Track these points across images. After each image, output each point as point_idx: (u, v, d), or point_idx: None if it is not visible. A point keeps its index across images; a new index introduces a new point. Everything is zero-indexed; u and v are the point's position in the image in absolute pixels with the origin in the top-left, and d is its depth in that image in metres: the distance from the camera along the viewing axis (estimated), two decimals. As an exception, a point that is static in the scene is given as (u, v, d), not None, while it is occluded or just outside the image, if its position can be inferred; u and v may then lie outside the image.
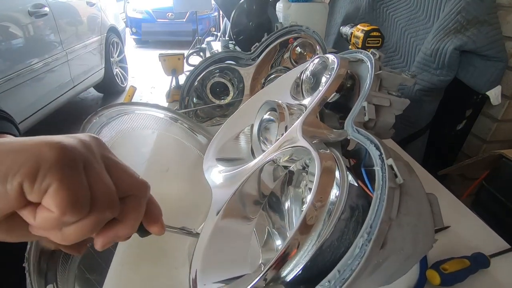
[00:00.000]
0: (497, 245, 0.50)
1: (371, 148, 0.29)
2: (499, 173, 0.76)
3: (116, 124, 0.55)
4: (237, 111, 0.52)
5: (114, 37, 3.05)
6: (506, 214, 0.73)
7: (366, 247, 0.22)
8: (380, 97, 0.37)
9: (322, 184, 0.25)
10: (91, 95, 3.16)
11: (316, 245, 0.24)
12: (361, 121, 0.35)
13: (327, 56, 0.44)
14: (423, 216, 0.27)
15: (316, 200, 0.25)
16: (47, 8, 1.99)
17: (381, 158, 0.27)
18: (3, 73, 1.60)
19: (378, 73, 0.38)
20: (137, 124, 0.58)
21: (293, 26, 0.80)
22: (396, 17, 1.09)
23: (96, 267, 0.48)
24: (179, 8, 1.97)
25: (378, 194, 0.24)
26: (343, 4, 1.47)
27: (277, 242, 0.37)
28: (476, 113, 0.95)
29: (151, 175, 0.67)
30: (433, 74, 0.91)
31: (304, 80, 0.48)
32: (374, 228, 0.23)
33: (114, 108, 0.54)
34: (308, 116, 0.36)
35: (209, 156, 0.45)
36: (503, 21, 0.82)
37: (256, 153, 0.44)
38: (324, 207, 0.25)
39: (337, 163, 0.28)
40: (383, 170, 0.26)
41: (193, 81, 0.77)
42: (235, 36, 1.17)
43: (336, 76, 0.39)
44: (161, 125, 0.61)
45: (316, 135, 0.34)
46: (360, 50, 0.46)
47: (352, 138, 0.33)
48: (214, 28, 4.34)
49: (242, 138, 0.48)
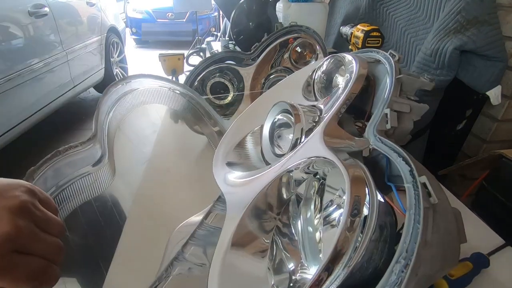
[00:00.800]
0: (495, 243, 0.50)
1: (399, 162, 0.27)
2: (499, 173, 0.76)
3: (129, 99, 0.55)
4: (245, 112, 0.50)
5: (114, 37, 3.05)
6: (506, 214, 0.73)
7: (403, 273, 0.21)
8: (401, 103, 0.35)
9: (353, 204, 0.24)
10: (91, 95, 3.16)
11: (346, 268, 0.23)
12: (382, 128, 0.33)
13: (344, 55, 0.42)
14: (451, 234, 0.25)
15: (348, 222, 0.23)
16: (47, 8, 1.98)
17: (412, 174, 0.25)
18: (3, 73, 1.60)
19: (399, 77, 0.36)
20: (150, 99, 0.58)
21: (293, 26, 0.80)
22: (396, 17, 1.09)
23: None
24: (179, 8, 1.97)
25: (411, 215, 0.23)
26: (343, 4, 1.47)
27: (286, 259, 0.34)
28: (476, 113, 0.94)
29: (151, 175, 0.67)
30: (433, 74, 0.91)
31: (316, 80, 0.46)
32: (410, 253, 0.21)
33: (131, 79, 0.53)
34: (329, 123, 0.34)
35: (218, 159, 0.43)
36: (503, 21, 0.82)
37: (266, 156, 0.42)
38: (356, 230, 0.23)
39: (366, 179, 0.27)
40: (415, 187, 0.24)
41: (193, 81, 0.77)
42: (235, 36, 1.17)
43: (356, 80, 0.37)
44: (173, 100, 0.60)
45: (339, 145, 0.32)
46: (377, 50, 0.44)
47: (375, 148, 0.31)
48: (214, 28, 4.34)
49: (249, 139, 0.46)
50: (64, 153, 0.44)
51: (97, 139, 0.50)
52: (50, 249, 0.26)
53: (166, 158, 0.65)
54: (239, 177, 0.40)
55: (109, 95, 0.54)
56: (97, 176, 0.48)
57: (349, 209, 0.24)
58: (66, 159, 0.44)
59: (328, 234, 0.33)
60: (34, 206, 0.26)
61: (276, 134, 0.43)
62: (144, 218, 0.55)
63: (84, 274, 0.48)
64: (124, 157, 0.62)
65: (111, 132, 0.54)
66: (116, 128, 0.55)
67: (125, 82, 0.55)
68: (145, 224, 0.54)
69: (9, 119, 1.70)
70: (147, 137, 0.63)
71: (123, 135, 0.57)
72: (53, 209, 0.29)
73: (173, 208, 0.56)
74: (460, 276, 0.42)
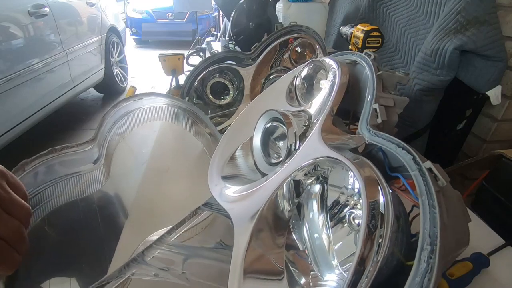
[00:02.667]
0: (495, 243, 0.50)
1: (400, 152, 0.27)
2: (499, 173, 0.76)
3: (125, 122, 0.56)
4: (233, 124, 0.49)
5: (114, 37, 3.05)
6: (506, 214, 0.73)
7: (431, 260, 0.21)
8: (386, 98, 0.37)
9: (370, 204, 0.24)
10: (91, 95, 3.16)
11: (375, 266, 0.23)
12: (374, 123, 0.34)
13: (323, 59, 0.43)
14: (460, 215, 0.26)
15: (368, 221, 0.23)
16: (47, 9, 1.98)
17: (416, 162, 0.25)
18: (3, 73, 1.60)
19: (379, 73, 0.38)
20: (145, 117, 0.59)
21: (293, 26, 0.80)
22: (396, 17, 1.09)
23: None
24: (179, 8, 1.97)
25: (425, 200, 0.23)
26: (343, 4, 1.47)
27: (296, 274, 0.33)
28: (476, 113, 0.95)
29: (151, 175, 0.67)
30: (433, 74, 0.91)
31: (298, 86, 0.46)
32: (434, 238, 0.21)
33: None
34: (325, 122, 0.35)
35: (213, 175, 0.43)
36: (503, 21, 0.82)
37: (260, 166, 0.42)
38: (377, 227, 0.23)
39: (376, 175, 0.27)
40: (422, 174, 0.24)
41: (193, 81, 0.77)
42: (235, 36, 1.17)
43: (341, 79, 0.38)
44: (167, 115, 0.61)
45: (337, 142, 0.32)
46: (352, 51, 0.45)
47: (372, 142, 0.32)
48: (214, 28, 4.34)
49: (240, 152, 0.46)
50: (59, 152, 0.44)
51: (95, 143, 0.50)
52: (10, 231, 0.26)
53: (165, 158, 0.65)
54: (239, 191, 0.39)
55: (119, 108, 0.55)
56: (89, 177, 0.49)
57: (367, 209, 0.24)
58: (60, 158, 0.45)
59: (339, 235, 0.33)
60: (0, 186, 0.26)
61: (267, 143, 0.43)
62: (144, 218, 0.55)
63: (84, 274, 0.48)
64: (124, 157, 0.62)
65: (113, 141, 0.54)
66: (119, 138, 0.56)
67: (137, 99, 0.57)
68: (145, 224, 0.54)
69: (9, 119, 1.70)
70: (147, 137, 0.63)
71: (126, 145, 0.58)
72: (22, 194, 0.29)
73: (173, 208, 0.56)
74: (460, 276, 0.42)
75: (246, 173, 0.44)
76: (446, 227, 0.22)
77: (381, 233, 0.23)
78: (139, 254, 0.37)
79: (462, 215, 0.26)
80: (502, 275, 0.45)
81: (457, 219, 0.25)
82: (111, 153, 0.53)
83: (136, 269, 0.35)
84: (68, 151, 0.46)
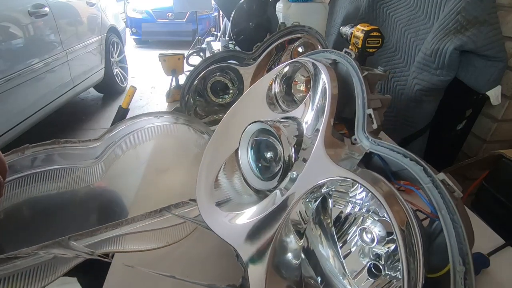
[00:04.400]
0: (495, 243, 0.50)
1: (407, 162, 0.26)
2: (499, 173, 0.76)
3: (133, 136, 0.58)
4: (213, 139, 0.45)
5: (114, 37, 3.05)
6: (506, 214, 0.73)
7: (468, 281, 0.20)
8: (375, 100, 0.36)
9: (402, 232, 0.22)
10: (91, 95, 3.16)
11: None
12: (370, 130, 0.33)
13: (303, 60, 0.40)
14: (466, 215, 0.25)
15: (405, 252, 0.22)
16: (47, 8, 1.98)
17: (427, 173, 0.24)
18: (3, 73, 1.60)
19: (365, 74, 0.36)
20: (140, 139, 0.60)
21: (295, 26, 0.80)
22: (396, 17, 1.09)
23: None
24: (179, 8, 1.97)
25: (445, 215, 0.22)
26: (343, 4, 1.47)
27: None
28: (476, 113, 0.95)
29: (151, 175, 0.67)
30: (433, 74, 0.91)
31: (277, 91, 0.43)
32: (464, 255, 0.20)
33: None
34: (326, 136, 0.32)
35: (203, 201, 0.39)
36: (503, 21, 0.82)
37: (252, 183, 0.39)
38: (412, 251, 0.22)
39: (393, 190, 0.26)
40: (437, 186, 0.23)
41: (193, 80, 0.77)
42: (235, 36, 1.17)
43: (331, 96, 0.35)
44: (162, 131, 0.61)
45: (342, 157, 0.30)
46: (330, 50, 0.42)
47: (373, 151, 0.30)
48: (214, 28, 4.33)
49: (223, 170, 0.41)
50: (62, 144, 0.47)
51: (99, 144, 0.52)
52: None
53: (165, 158, 0.65)
54: (242, 219, 0.35)
55: (138, 121, 0.57)
56: (84, 172, 0.50)
57: (402, 240, 0.22)
58: (61, 150, 0.47)
59: (351, 260, 0.31)
60: None
61: (257, 157, 0.40)
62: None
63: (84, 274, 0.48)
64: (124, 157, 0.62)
65: (117, 150, 0.56)
66: (123, 151, 0.57)
67: (159, 116, 0.59)
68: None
69: (9, 119, 1.70)
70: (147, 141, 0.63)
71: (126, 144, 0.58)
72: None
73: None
74: (460, 276, 0.42)
75: (239, 191, 0.40)
76: (470, 240, 0.22)
77: (417, 254, 0.22)
78: (64, 238, 0.36)
79: (468, 216, 0.26)
80: (502, 275, 0.45)
81: (465, 220, 0.24)
82: (112, 158, 0.55)
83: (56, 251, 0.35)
84: (70, 145, 0.48)
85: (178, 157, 0.65)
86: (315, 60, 0.40)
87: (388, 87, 1.11)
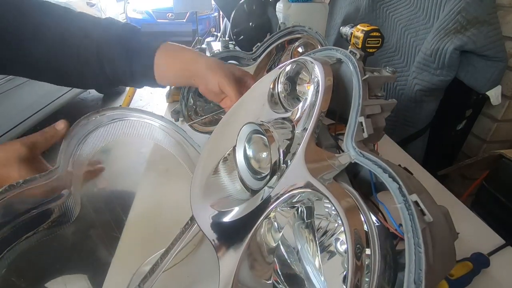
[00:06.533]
0: (495, 243, 0.50)
1: (386, 178, 0.25)
2: (499, 173, 0.76)
3: (111, 129, 0.54)
4: (212, 136, 0.45)
5: (114, 38, 3.05)
6: (506, 214, 0.73)
7: None
8: (372, 106, 0.34)
9: (355, 243, 0.22)
10: (91, 96, 3.17)
11: None
12: (360, 139, 0.31)
13: (305, 60, 0.39)
14: (446, 238, 0.25)
15: (354, 265, 0.22)
16: (47, 9, 1.98)
17: (401, 192, 0.23)
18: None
19: (365, 78, 0.34)
20: (133, 131, 0.56)
21: (295, 26, 0.80)
22: (396, 17, 1.09)
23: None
24: (179, 8, 1.96)
25: (410, 239, 0.22)
26: (343, 4, 1.47)
27: None
28: (476, 113, 0.95)
29: (150, 175, 0.67)
30: (433, 74, 0.91)
31: (280, 90, 0.42)
32: (419, 283, 0.20)
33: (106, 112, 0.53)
34: (307, 147, 0.31)
35: (198, 200, 0.38)
36: (503, 21, 0.82)
37: (247, 181, 0.38)
38: (363, 268, 0.22)
39: (358, 206, 0.25)
40: (407, 207, 0.23)
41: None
42: (235, 36, 1.17)
43: (324, 96, 0.34)
44: (157, 135, 0.60)
45: (322, 169, 0.29)
46: (336, 48, 0.41)
47: (357, 162, 0.29)
48: (214, 28, 4.33)
49: (223, 166, 0.41)
50: (18, 187, 0.38)
51: (59, 172, 0.45)
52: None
53: (165, 158, 0.65)
54: (227, 217, 0.35)
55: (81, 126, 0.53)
56: (59, 210, 0.46)
57: (352, 251, 0.22)
58: (20, 195, 0.39)
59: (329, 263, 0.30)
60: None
61: (251, 157, 0.39)
62: (144, 218, 0.56)
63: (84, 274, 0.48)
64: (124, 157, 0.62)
65: (79, 165, 0.50)
66: (85, 161, 0.51)
67: (98, 115, 0.54)
68: (145, 225, 0.54)
69: (9, 119, 1.70)
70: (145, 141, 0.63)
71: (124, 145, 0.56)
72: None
73: (173, 208, 0.56)
74: (460, 276, 0.42)
75: (235, 190, 0.39)
76: (432, 269, 0.21)
77: (368, 274, 0.22)
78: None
79: (449, 234, 0.25)
80: (502, 275, 0.45)
81: (444, 244, 0.24)
82: (79, 181, 0.49)
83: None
84: (29, 186, 0.39)
85: (178, 158, 0.65)
86: (314, 59, 0.38)
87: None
